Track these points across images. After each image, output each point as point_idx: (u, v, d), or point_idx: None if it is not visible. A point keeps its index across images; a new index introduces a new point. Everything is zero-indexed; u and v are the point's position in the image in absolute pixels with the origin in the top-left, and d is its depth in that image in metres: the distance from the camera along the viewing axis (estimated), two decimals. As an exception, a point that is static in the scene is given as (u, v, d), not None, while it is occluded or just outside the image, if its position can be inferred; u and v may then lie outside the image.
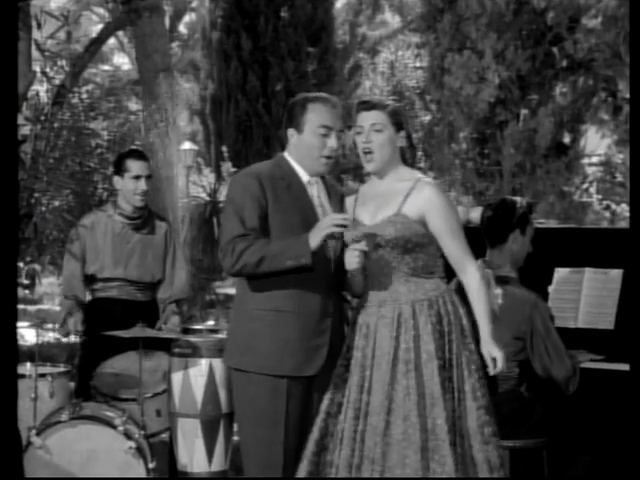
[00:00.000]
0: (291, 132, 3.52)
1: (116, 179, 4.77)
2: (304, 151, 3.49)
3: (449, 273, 3.54)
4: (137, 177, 4.69)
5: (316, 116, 3.46)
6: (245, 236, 3.35)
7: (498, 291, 3.94)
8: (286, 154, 3.56)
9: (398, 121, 3.46)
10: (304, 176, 3.51)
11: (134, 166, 4.71)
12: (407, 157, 3.50)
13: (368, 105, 3.48)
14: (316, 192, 3.54)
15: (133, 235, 4.75)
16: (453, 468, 3.19)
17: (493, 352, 3.36)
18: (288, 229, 3.39)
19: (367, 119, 3.43)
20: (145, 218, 4.80)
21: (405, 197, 3.38)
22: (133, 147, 5.69)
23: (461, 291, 3.95)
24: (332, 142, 3.46)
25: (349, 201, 3.59)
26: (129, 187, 4.70)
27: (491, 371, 3.36)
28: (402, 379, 3.27)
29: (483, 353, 3.38)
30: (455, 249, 3.40)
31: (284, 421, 3.38)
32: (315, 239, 3.27)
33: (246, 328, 3.44)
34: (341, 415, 3.37)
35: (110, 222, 4.75)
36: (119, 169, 4.75)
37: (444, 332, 3.34)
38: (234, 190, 3.48)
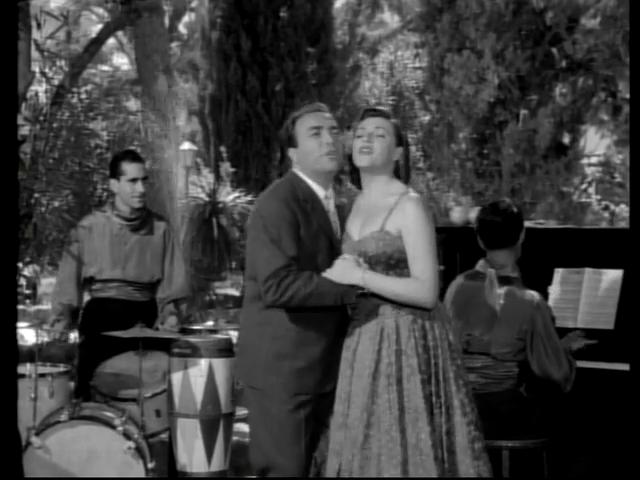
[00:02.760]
0: (291, 151, 3.54)
1: (112, 182, 4.76)
2: (305, 159, 3.49)
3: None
4: (133, 180, 4.68)
5: (303, 124, 3.50)
6: (288, 267, 3.32)
7: (500, 291, 3.94)
8: (296, 170, 3.54)
9: (399, 135, 3.47)
10: (320, 192, 3.51)
11: (130, 169, 4.69)
12: (400, 174, 3.48)
13: (375, 112, 3.49)
14: (332, 207, 3.55)
15: (131, 236, 4.75)
16: None
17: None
18: (315, 251, 3.41)
19: (371, 124, 3.43)
20: (143, 219, 4.79)
21: (389, 213, 3.36)
22: (128, 149, 5.68)
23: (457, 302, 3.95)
24: (325, 138, 3.46)
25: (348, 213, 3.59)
26: (126, 190, 4.69)
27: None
28: (383, 393, 3.25)
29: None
30: (415, 267, 3.31)
31: (304, 436, 3.38)
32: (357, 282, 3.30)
33: (269, 348, 3.41)
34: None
35: (108, 223, 4.74)
36: (115, 172, 4.73)
37: (429, 347, 3.30)
38: (266, 218, 3.40)
